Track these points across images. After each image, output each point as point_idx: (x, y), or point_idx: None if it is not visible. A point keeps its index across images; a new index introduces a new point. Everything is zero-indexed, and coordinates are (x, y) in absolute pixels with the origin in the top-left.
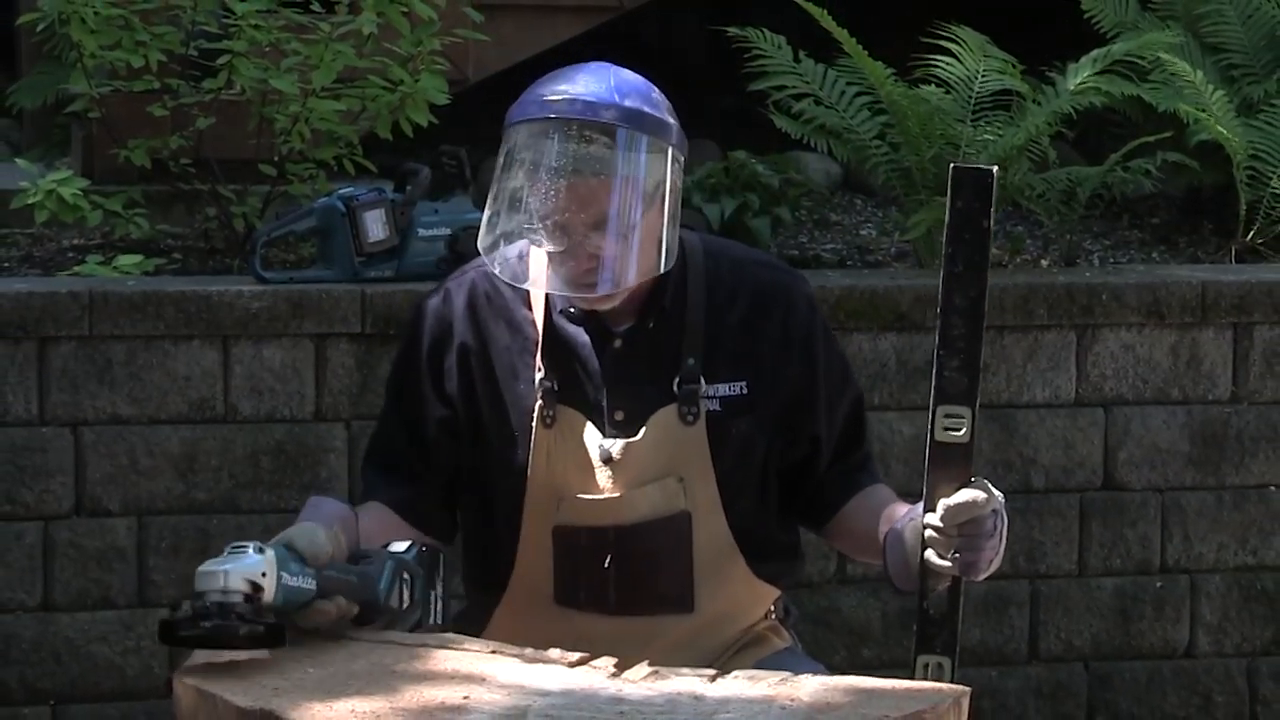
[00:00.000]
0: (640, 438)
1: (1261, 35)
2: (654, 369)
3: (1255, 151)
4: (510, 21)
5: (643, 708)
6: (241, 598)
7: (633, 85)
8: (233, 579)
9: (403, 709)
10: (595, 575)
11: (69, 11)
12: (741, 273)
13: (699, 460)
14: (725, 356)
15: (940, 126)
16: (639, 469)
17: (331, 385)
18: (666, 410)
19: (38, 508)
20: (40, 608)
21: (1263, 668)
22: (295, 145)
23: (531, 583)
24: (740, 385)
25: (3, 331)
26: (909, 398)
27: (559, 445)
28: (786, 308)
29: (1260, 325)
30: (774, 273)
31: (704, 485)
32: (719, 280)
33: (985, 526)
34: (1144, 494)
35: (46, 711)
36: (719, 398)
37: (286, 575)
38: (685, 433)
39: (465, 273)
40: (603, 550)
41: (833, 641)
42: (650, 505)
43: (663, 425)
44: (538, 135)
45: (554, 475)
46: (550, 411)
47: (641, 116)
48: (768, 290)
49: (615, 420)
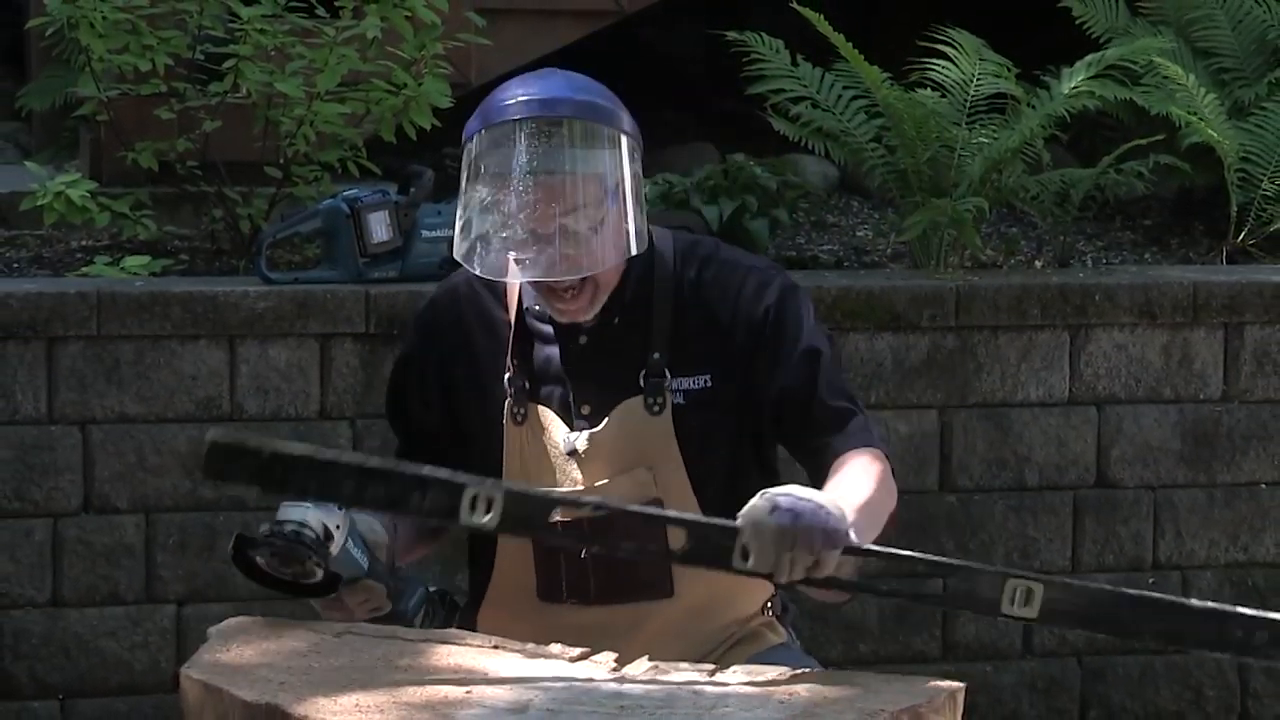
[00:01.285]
0: (603, 428)
1: (1252, 39)
2: (619, 364)
3: (1246, 154)
4: (512, 26)
5: (643, 702)
6: (315, 536)
7: (583, 82)
8: (312, 516)
9: (406, 703)
10: (574, 567)
11: (77, 16)
12: (705, 271)
13: (667, 449)
14: (690, 352)
15: (936, 129)
16: (607, 460)
17: (336, 384)
18: (632, 401)
19: (47, 505)
20: (49, 603)
21: (1253, 662)
22: (300, 148)
23: (514, 578)
24: (704, 379)
25: (12, 331)
26: (905, 396)
27: (530, 442)
28: (750, 301)
29: (1251, 325)
30: (735, 271)
31: (674, 473)
32: (684, 279)
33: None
34: (1136, 491)
35: (55, 705)
36: (683, 391)
37: (351, 543)
38: (652, 423)
39: (452, 280)
40: (579, 541)
41: (829, 637)
42: (621, 495)
43: (628, 416)
44: (500, 139)
45: (527, 471)
46: (521, 409)
47: (596, 108)
48: (725, 285)
49: (582, 414)
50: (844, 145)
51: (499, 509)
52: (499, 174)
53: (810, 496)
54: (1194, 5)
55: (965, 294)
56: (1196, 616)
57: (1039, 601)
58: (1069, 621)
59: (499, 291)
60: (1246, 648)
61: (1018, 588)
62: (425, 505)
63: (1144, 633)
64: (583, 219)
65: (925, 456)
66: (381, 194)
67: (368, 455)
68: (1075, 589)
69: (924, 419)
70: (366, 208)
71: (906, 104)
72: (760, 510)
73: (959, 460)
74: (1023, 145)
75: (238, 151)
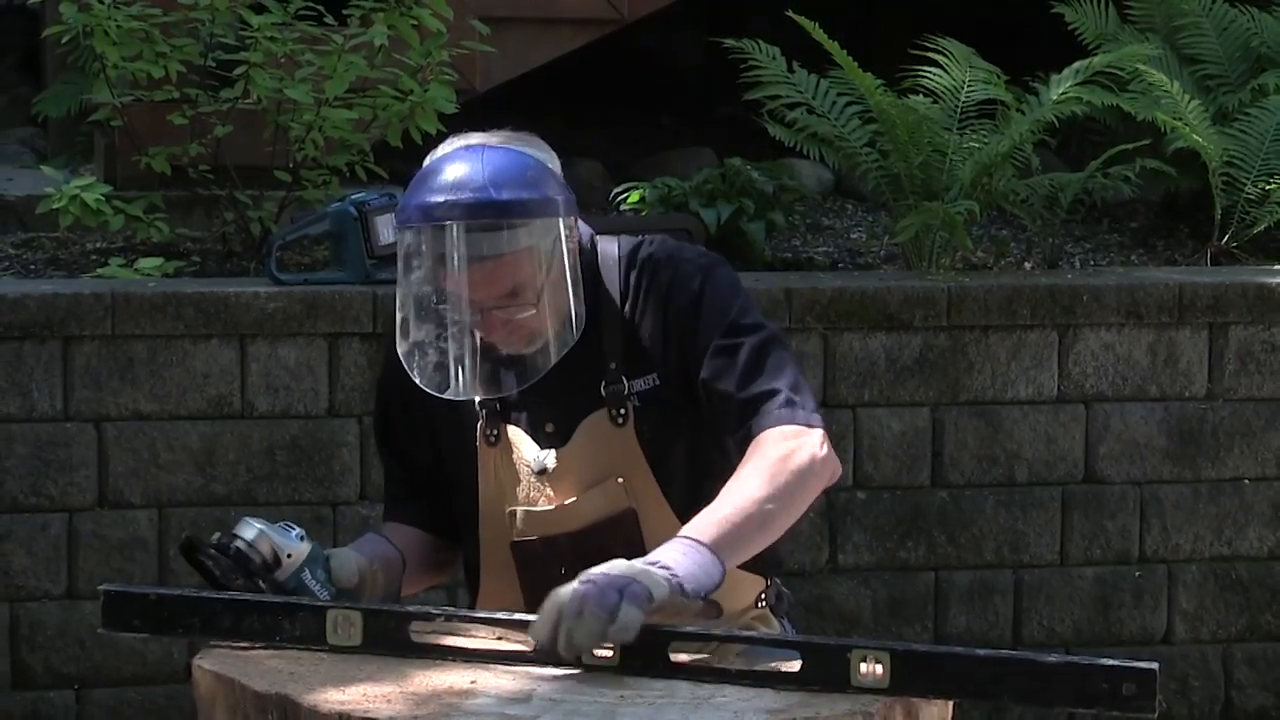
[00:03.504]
0: (570, 446)
1: (1236, 47)
2: (578, 378)
3: (1230, 158)
4: (515, 34)
5: (642, 692)
6: (260, 560)
7: (504, 170)
8: (262, 541)
9: (412, 693)
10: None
11: (93, 24)
12: (644, 272)
13: (633, 458)
14: (639, 354)
15: (928, 134)
16: (577, 475)
17: (344, 382)
18: (596, 416)
19: (62, 500)
20: (65, 596)
21: (1237, 653)
22: (309, 152)
23: (500, 594)
24: (652, 378)
25: (29, 331)
26: (897, 394)
27: (503, 462)
28: (679, 292)
29: (1235, 325)
30: (668, 266)
31: (643, 480)
32: (629, 284)
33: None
34: (1123, 487)
35: (70, 695)
36: (638, 394)
37: (308, 573)
38: (616, 434)
39: None
40: (559, 557)
41: (824, 628)
42: (595, 509)
43: (593, 430)
44: (429, 241)
45: (503, 491)
46: (493, 430)
47: (522, 204)
48: (661, 282)
49: (546, 432)
50: (839, 150)
51: (360, 627)
52: (429, 276)
53: (612, 571)
54: (1181, 13)
55: (957, 294)
56: (1056, 672)
57: (888, 670)
58: (924, 689)
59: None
60: (1115, 701)
61: (866, 657)
62: (296, 631)
63: (1004, 694)
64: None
65: (917, 453)
66: (388, 197)
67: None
68: (924, 655)
69: (916, 416)
70: (374, 211)
71: (899, 110)
72: (561, 591)
73: (950, 456)
74: (1012, 150)
75: (248, 156)
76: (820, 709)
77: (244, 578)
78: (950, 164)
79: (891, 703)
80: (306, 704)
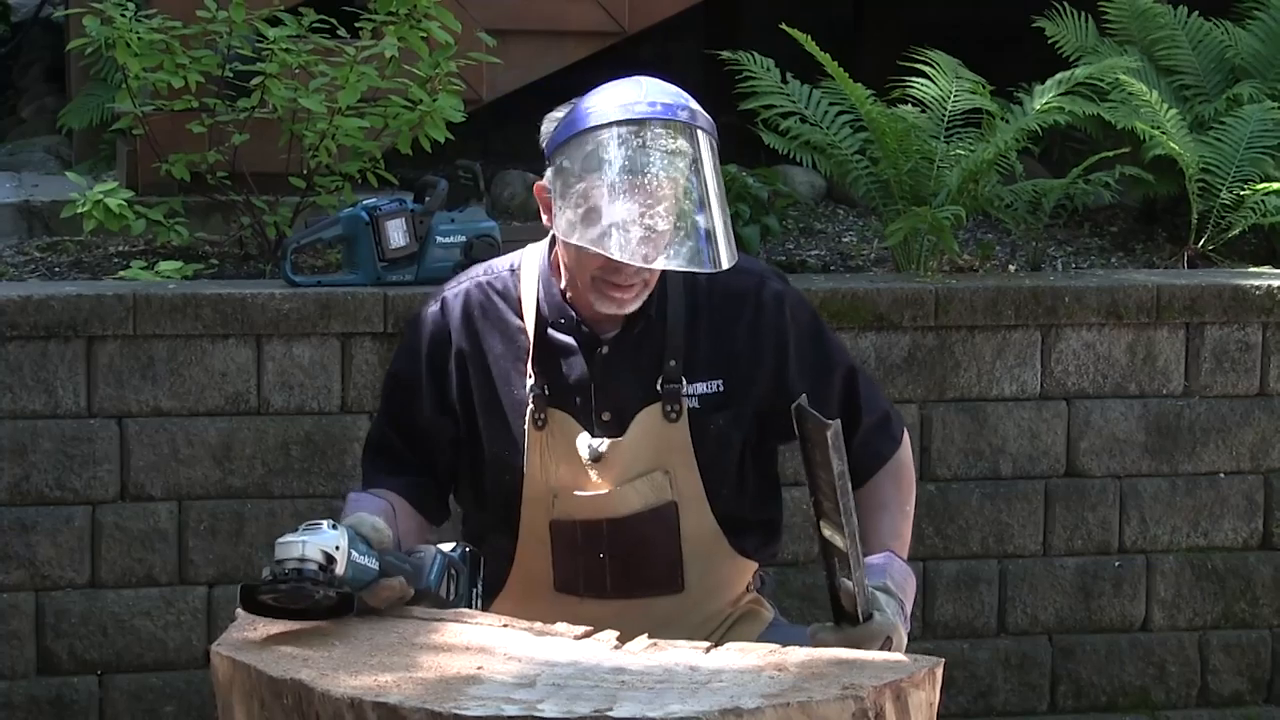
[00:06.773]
0: (626, 436)
1: (1211, 59)
2: (638, 372)
3: (1206, 165)
4: (521, 45)
5: (642, 677)
6: (316, 566)
7: (683, 93)
8: (310, 549)
9: (421, 679)
10: (592, 564)
11: (115, 37)
12: (715, 280)
13: (683, 454)
14: (702, 358)
15: (916, 143)
16: (626, 465)
17: (356, 380)
18: (651, 409)
19: (86, 493)
20: (88, 585)
21: (1213, 640)
22: (323, 160)
23: (531, 572)
24: (717, 384)
25: (54, 331)
26: (887, 391)
27: (551, 446)
28: (755, 309)
29: (1210, 325)
30: (743, 277)
31: (688, 477)
32: (696, 288)
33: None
34: (1103, 480)
35: (94, 681)
36: (698, 396)
37: (355, 553)
38: (669, 429)
39: (460, 283)
40: (597, 541)
41: (818, 616)
42: (640, 498)
43: (648, 423)
44: (628, 135)
45: (548, 474)
46: (541, 414)
47: (704, 115)
48: (736, 295)
49: (603, 421)
50: (830, 157)
51: None
52: (628, 168)
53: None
54: (1157, 26)
55: (944, 296)
56: None
57: None
58: None
59: (513, 300)
60: None
61: None
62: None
63: None
64: (718, 212)
65: None
66: (399, 203)
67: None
68: None
69: (905, 413)
70: (385, 215)
71: (889, 119)
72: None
73: (938, 451)
74: (997, 157)
75: (264, 163)
76: (813, 693)
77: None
78: (937, 171)
79: (881, 686)
80: (319, 689)
